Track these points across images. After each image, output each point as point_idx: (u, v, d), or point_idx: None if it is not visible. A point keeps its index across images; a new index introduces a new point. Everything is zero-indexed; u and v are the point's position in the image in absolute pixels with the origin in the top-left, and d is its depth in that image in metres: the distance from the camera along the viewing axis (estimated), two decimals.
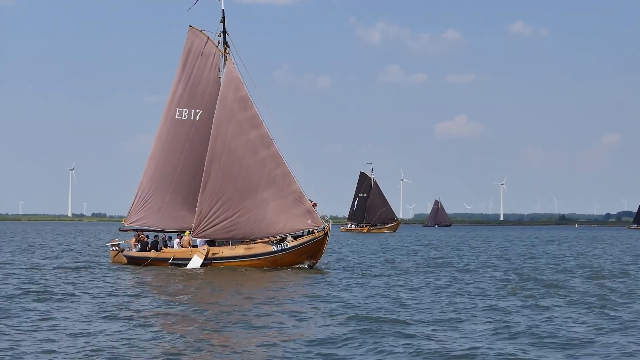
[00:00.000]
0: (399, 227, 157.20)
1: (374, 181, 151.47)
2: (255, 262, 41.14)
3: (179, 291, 30.77)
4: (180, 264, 41.47)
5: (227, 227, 41.89)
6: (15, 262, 46.52)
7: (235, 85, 42.88)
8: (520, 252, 68.53)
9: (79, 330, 21.36)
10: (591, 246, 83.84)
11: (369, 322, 22.74)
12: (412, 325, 22.64)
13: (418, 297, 29.70)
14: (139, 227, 44.57)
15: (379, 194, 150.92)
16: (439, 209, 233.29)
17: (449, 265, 47.23)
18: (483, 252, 66.28)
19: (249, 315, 24.06)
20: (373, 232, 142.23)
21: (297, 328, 21.87)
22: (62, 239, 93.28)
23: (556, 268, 46.26)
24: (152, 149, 44.90)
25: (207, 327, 21.67)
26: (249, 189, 41.96)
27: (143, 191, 44.54)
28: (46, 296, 28.38)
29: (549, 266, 48.05)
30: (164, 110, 44.77)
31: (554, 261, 53.96)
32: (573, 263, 51.87)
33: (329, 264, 45.76)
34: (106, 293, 29.78)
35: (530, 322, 23.27)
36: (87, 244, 75.21)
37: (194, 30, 44.67)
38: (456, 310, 25.78)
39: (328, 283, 34.47)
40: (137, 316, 23.87)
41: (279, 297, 29.06)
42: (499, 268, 45.62)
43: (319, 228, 41.40)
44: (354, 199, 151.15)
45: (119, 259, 44.30)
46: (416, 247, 75.02)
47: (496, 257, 58.70)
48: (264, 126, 42.58)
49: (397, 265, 46.53)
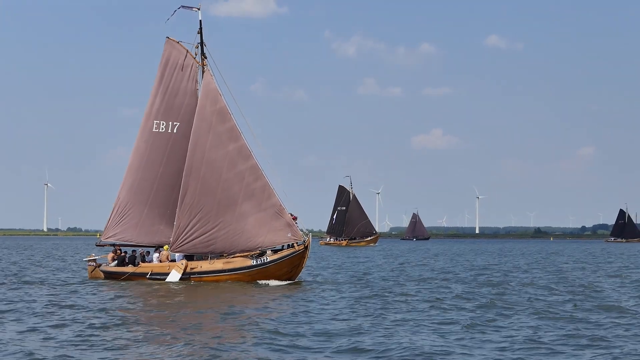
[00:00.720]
0: (377, 240, 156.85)
1: (353, 194, 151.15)
2: (234, 276, 40.54)
3: (155, 306, 30.18)
4: (158, 278, 40.83)
5: (205, 241, 41.26)
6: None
7: (214, 97, 42.32)
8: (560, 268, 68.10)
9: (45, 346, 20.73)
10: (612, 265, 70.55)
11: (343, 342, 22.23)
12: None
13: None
14: (115, 242, 43.84)
15: (358, 208, 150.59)
16: (417, 222, 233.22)
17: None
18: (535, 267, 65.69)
19: (226, 331, 23.56)
20: (352, 246, 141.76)
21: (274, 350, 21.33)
22: (38, 254, 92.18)
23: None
24: (129, 162, 44.18)
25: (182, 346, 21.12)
26: (227, 202, 41.36)
27: (120, 205, 43.79)
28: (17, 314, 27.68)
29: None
30: (142, 123, 44.08)
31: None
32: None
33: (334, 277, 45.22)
34: (82, 309, 29.10)
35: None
36: (63, 260, 74.16)
37: (171, 41, 44.06)
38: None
39: (309, 297, 33.95)
40: (112, 332, 23.31)
41: (257, 312, 28.53)
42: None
43: (299, 241, 40.88)
44: (332, 212, 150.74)
45: (96, 274, 43.54)
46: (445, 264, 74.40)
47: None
48: (243, 138, 42.03)
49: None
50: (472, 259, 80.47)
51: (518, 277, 49.32)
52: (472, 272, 54.19)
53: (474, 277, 48.25)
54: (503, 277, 49.12)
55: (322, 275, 48.22)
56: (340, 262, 68.81)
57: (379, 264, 66.07)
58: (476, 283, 43.13)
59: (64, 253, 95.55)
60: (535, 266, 65.45)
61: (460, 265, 66.51)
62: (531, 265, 66.27)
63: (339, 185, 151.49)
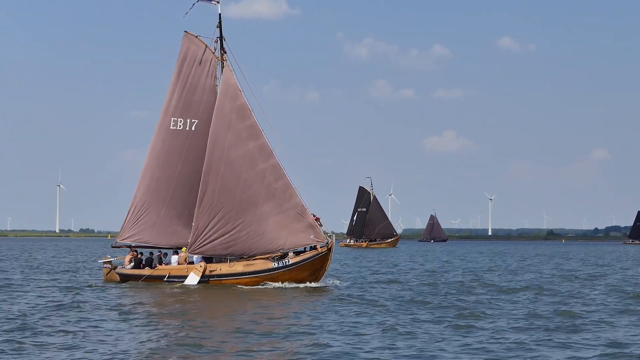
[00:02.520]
0: (398, 242, 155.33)
1: (373, 196, 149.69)
2: (255, 279, 39.05)
3: (174, 311, 28.85)
4: (176, 281, 39.40)
5: (225, 243, 39.79)
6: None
7: (233, 93, 40.84)
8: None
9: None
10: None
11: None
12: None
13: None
14: (132, 244, 42.40)
15: (379, 209, 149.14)
16: (435, 223, 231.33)
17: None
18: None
19: (247, 339, 22.26)
20: (372, 247, 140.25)
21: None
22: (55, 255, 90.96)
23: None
24: (146, 162, 42.71)
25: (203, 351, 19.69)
26: (248, 202, 39.89)
27: (136, 206, 42.33)
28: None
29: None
30: (159, 121, 42.60)
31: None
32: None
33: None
34: (99, 311, 27.71)
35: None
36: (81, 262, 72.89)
37: (189, 35, 42.55)
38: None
39: (334, 303, 32.47)
40: (127, 337, 22.23)
41: (278, 317, 27.28)
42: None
43: (322, 243, 39.38)
44: (352, 214, 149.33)
45: (111, 276, 42.14)
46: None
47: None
48: (263, 136, 40.53)
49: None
50: (561, 263, 75.81)
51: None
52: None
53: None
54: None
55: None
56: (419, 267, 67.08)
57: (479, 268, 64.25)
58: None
59: (77, 257, 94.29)
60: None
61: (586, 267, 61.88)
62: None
63: (359, 187, 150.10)
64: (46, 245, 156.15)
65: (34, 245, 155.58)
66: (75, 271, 53.92)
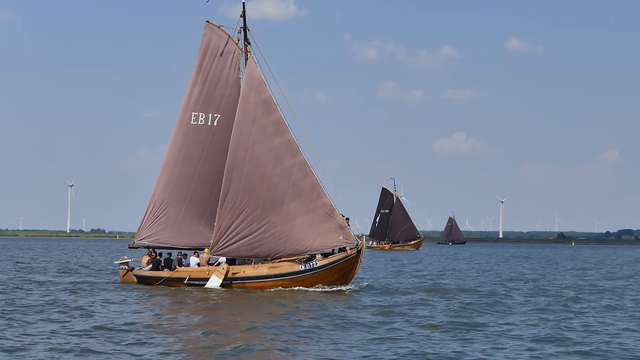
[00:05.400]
0: (421, 244, 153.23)
1: (397, 197, 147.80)
2: (280, 282, 36.99)
3: (195, 315, 27.05)
4: (197, 284, 37.36)
5: (249, 244, 37.72)
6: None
7: (258, 86, 38.76)
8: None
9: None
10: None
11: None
12: None
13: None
14: (150, 244, 40.36)
15: (402, 211, 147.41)
16: (454, 226, 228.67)
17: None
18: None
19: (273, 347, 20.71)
20: (395, 250, 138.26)
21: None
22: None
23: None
24: (165, 158, 40.67)
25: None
26: (273, 201, 37.82)
27: (155, 204, 40.29)
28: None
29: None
30: (179, 115, 40.54)
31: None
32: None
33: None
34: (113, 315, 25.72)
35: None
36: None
37: (211, 26, 40.45)
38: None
39: (366, 306, 30.42)
40: (144, 344, 20.86)
41: (306, 323, 25.47)
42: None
43: (351, 245, 37.29)
44: (375, 215, 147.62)
45: (128, 278, 40.14)
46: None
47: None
48: (290, 132, 38.43)
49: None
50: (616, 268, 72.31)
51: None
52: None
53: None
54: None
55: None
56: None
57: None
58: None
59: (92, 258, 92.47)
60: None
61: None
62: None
63: (382, 188, 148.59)
64: (60, 245, 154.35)
65: (50, 245, 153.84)
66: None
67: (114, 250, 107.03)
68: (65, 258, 77.72)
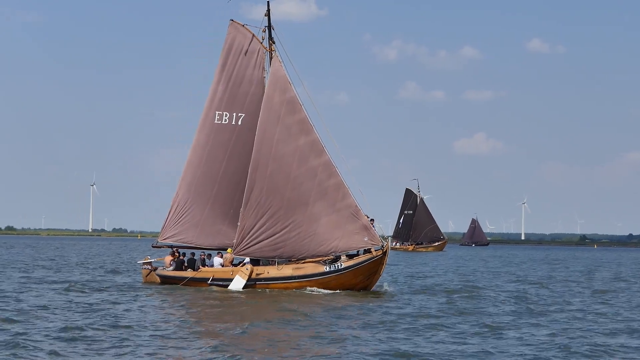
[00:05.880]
0: (445, 246, 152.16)
1: (420, 198, 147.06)
2: (305, 283, 36.60)
3: (219, 317, 26.72)
4: (220, 284, 37.03)
5: (273, 244, 37.37)
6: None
7: (282, 85, 38.42)
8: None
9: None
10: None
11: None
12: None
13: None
14: (173, 244, 40.10)
15: (426, 212, 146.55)
16: (477, 227, 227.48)
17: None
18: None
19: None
20: (419, 251, 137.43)
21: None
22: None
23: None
24: (189, 157, 40.41)
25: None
26: (298, 201, 37.45)
27: (179, 204, 40.03)
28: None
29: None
30: (202, 114, 40.29)
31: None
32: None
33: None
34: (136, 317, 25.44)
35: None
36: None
37: (235, 24, 40.15)
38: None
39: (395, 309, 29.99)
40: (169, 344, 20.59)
41: (331, 325, 25.07)
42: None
43: (377, 246, 36.87)
44: (399, 216, 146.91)
45: (151, 278, 39.89)
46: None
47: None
48: (315, 131, 38.07)
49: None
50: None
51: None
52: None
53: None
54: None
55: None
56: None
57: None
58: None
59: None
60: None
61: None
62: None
63: (406, 189, 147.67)
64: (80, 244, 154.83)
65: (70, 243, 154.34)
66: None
67: (146, 250, 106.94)
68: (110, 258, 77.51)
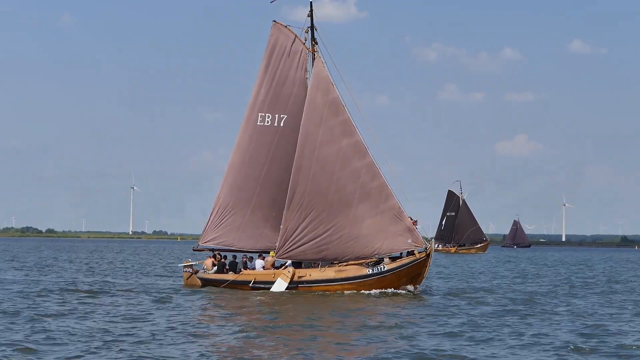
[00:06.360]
0: (488, 247, 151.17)
1: (463, 200, 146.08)
2: (348, 286, 36.22)
3: (263, 320, 26.37)
4: (262, 287, 36.74)
5: (316, 247, 37.04)
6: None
7: (325, 86, 38.10)
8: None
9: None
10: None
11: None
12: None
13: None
14: (215, 247, 39.87)
15: (468, 213, 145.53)
16: (518, 229, 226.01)
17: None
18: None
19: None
20: (461, 253, 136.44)
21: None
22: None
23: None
24: (231, 159, 40.20)
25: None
26: (341, 203, 37.10)
27: (220, 206, 39.80)
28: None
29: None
30: (245, 116, 40.07)
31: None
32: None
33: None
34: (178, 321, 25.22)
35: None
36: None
37: (278, 25, 39.92)
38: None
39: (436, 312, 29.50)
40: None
41: (374, 329, 24.62)
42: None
43: (420, 248, 36.42)
44: (441, 218, 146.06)
45: (192, 281, 39.67)
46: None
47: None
48: (358, 133, 37.72)
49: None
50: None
51: None
52: None
53: None
54: None
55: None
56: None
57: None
58: None
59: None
60: None
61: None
62: None
63: (448, 190, 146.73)
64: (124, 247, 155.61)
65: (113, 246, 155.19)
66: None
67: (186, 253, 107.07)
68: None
